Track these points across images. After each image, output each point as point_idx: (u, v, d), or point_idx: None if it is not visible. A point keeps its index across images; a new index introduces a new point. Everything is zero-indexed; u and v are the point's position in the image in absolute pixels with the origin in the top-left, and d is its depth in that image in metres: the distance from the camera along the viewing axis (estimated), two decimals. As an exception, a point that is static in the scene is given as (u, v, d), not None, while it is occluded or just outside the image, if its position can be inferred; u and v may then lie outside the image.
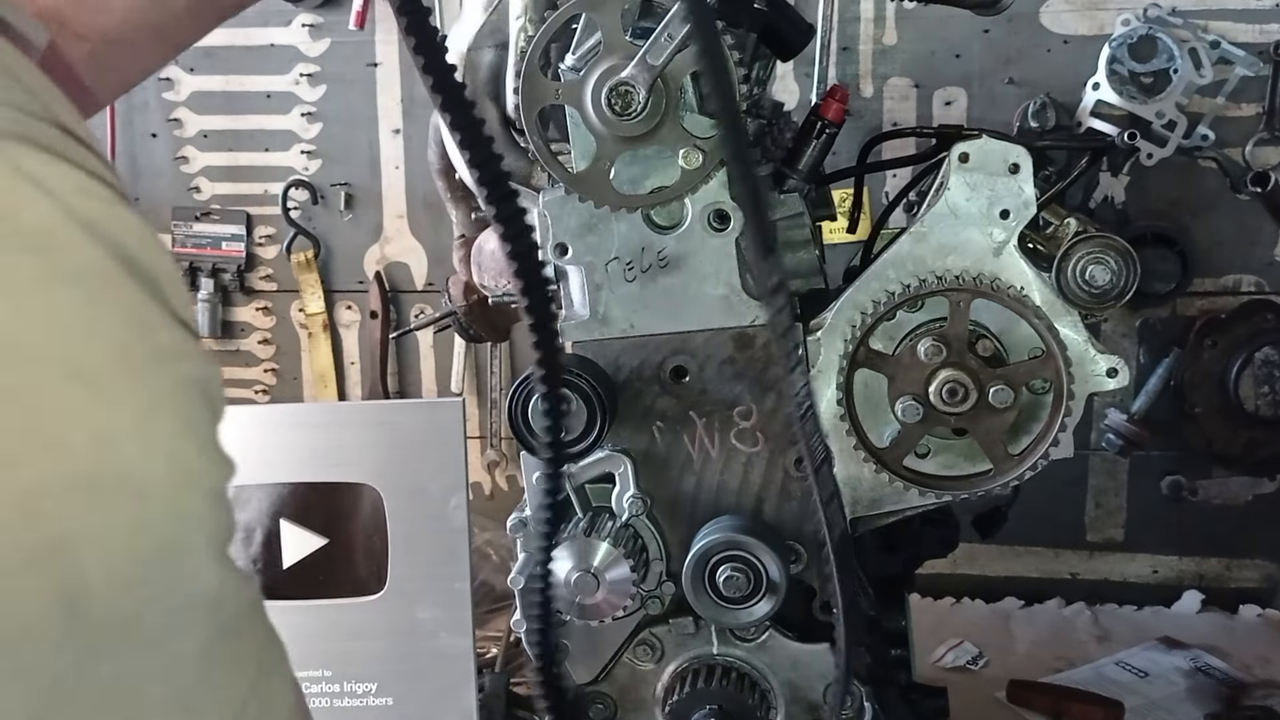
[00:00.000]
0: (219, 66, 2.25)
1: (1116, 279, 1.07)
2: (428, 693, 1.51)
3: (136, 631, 0.47)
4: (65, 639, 0.44)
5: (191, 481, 0.49)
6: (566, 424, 1.10)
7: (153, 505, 0.47)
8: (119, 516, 0.46)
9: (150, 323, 0.49)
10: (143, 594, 0.47)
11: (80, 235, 0.47)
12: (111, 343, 0.47)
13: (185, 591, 0.49)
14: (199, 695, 0.50)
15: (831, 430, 1.12)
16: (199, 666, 0.50)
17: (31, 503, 0.43)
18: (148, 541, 0.47)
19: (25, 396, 0.44)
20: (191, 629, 0.49)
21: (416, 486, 1.52)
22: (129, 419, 0.46)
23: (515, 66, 1.10)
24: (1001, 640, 1.91)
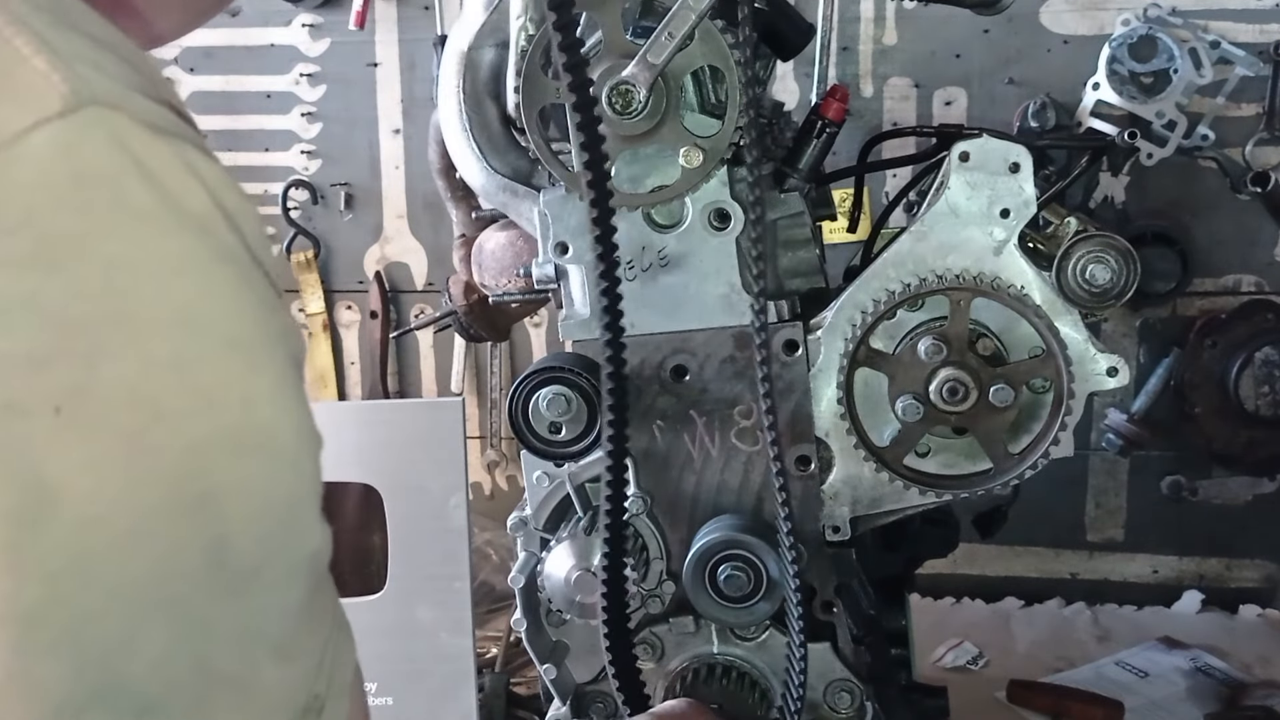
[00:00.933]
0: (219, 66, 2.25)
1: (1116, 278, 1.07)
2: (428, 693, 1.51)
3: (261, 579, 0.52)
4: (208, 580, 0.49)
5: (311, 445, 0.55)
6: (566, 424, 1.10)
7: (284, 463, 0.53)
8: (259, 472, 0.51)
9: (272, 304, 0.55)
10: (269, 544, 0.52)
11: (225, 223, 0.52)
12: (255, 317, 0.52)
13: (300, 545, 0.54)
14: (297, 641, 0.55)
15: (831, 429, 1.12)
16: (300, 615, 0.55)
17: (190, 458, 0.49)
18: (279, 497, 0.52)
19: (191, 360, 0.49)
20: (300, 579, 0.55)
21: (416, 486, 1.52)
22: (269, 385, 0.52)
23: (516, 65, 1.10)
24: (1001, 640, 1.91)
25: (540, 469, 1.16)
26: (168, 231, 0.50)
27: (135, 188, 0.49)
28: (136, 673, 0.48)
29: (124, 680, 0.48)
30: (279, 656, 0.54)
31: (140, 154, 0.49)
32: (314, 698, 0.56)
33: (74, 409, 0.46)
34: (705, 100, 1.09)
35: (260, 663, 0.53)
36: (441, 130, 1.20)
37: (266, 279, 0.55)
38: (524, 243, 1.26)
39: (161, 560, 0.48)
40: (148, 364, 0.48)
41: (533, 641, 1.18)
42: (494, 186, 1.17)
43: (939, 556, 1.43)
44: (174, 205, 0.50)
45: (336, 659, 0.58)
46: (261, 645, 0.53)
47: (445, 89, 1.17)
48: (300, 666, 0.56)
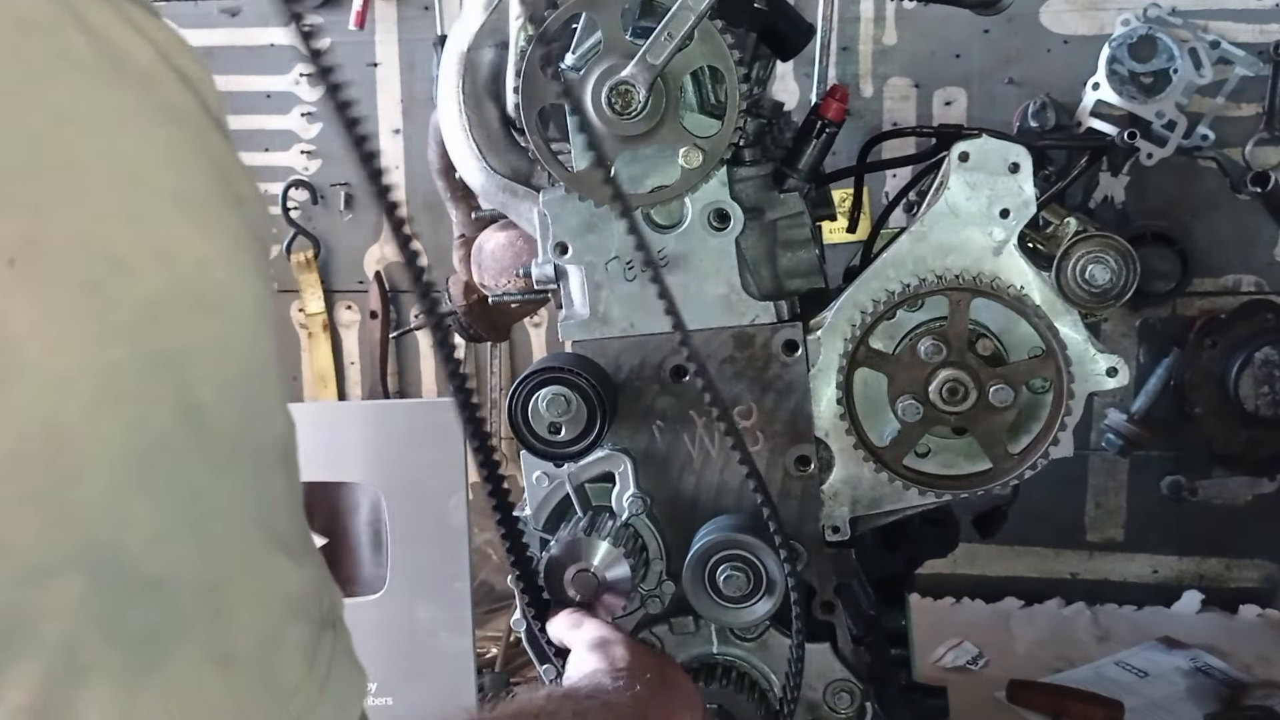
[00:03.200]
0: (219, 66, 2.25)
1: (1116, 278, 1.07)
2: (428, 693, 1.51)
3: (243, 455, 0.50)
4: (194, 451, 0.48)
5: (269, 320, 0.53)
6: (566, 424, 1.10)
7: (244, 329, 0.51)
8: (221, 334, 0.50)
9: (231, 169, 0.53)
10: (242, 415, 0.51)
11: (176, 80, 0.51)
12: (208, 179, 0.51)
13: (268, 427, 0.53)
14: (298, 540, 0.54)
15: (831, 430, 1.12)
16: (292, 511, 0.54)
17: (151, 313, 0.47)
18: (240, 364, 0.51)
19: (142, 217, 0.48)
20: (278, 465, 0.53)
21: (416, 486, 1.53)
22: (223, 250, 0.50)
23: (515, 66, 1.10)
24: (1001, 640, 1.91)
25: (540, 469, 1.16)
26: (109, 84, 0.48)
27: (74, 38, 0.48)
28: (133, 545, 0.46)
29: (118, 551, 0.46)
30: (286, 550, 0.52)
31: (79, 7, 0.48)
32: (326, 611, 0.55)
33: (28, 260, 0.45)
34: (705, 100, 1.09)
35: (269, 550, 0.51)
36: (441, 130, 1.20)
37: (229, 145, 0.53)
38: (524, 243, 1.26)
39: (137, 424, 0.47)
40: (99, 215, 0.47)
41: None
42: (494, 186, 1.17)
43: (939, 556, 1.43)
44: (115, 59, 0.49)
45: (333, 585, 0.57)
46: (264, 531, 0.51)
47: (445, 89, 1.17)
48: (308, 566, 0.54)
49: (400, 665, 1.51)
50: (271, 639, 0.51)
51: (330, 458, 1.55)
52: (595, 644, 0.98)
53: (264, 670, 0.50)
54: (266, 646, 0.50)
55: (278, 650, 0.51)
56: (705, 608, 1.11)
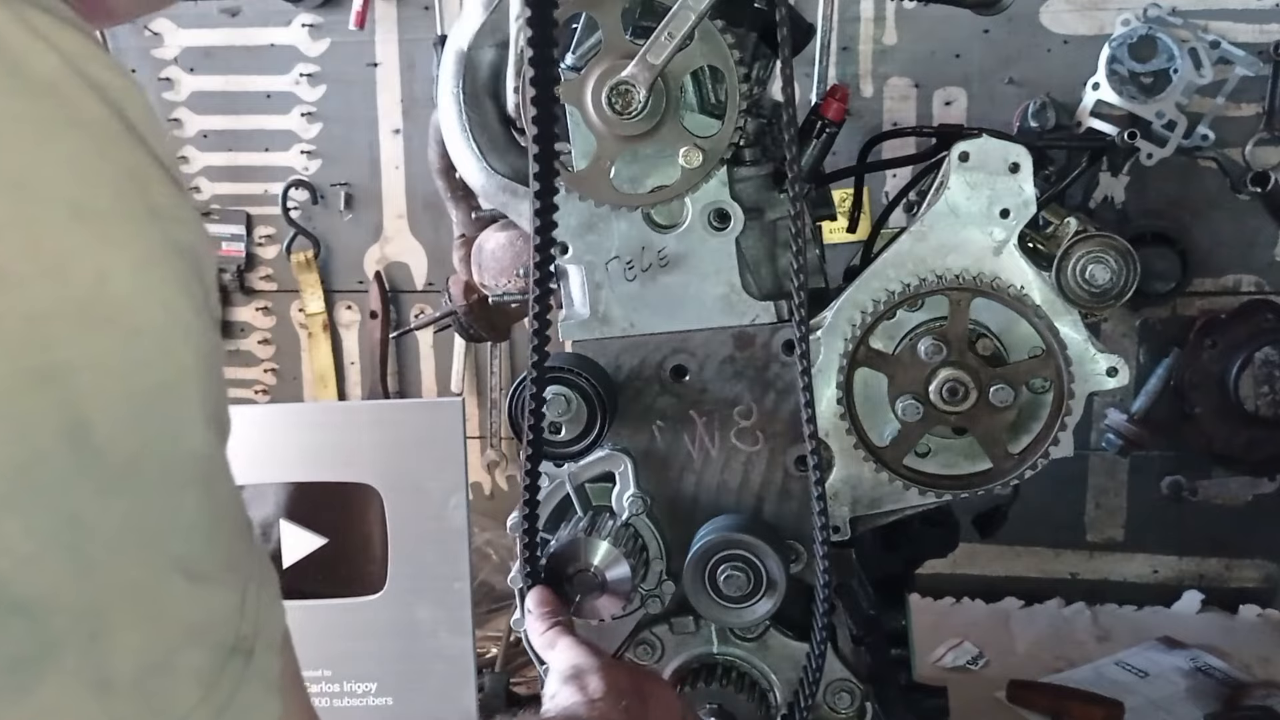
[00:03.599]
0: (219, 66, 2.25)
1: (1116, 278, 1.07)
2: (428, 693, 1.51)
3: (140, 475, 0.48)
4: (75, 471, 0.46)
5: (186, 334, 0.51)
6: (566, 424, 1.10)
7: (147, 344, 0.49)
8: (116, 349, 0.48)
9: (148, 181, 0.51)
10: (140, 434, 0.48)
11: (85, 90, 0.49)
12: (114, 189, 0.49)
13: (176, 440, 0.50)
14: (208, 562, 0.52)
15: (831, 429, 1.12)
16: (206, 533, 0.52)
17: (34, 326, 0.45)
18: (142, 379, 0.48)
19: (31, 227, 0.46)
20: (191, 489, 0.51)
21: (416, 486, 1.52)
22: (128, 261, 0.49)
23: (516, 65, 1.10)
24: (1001, 640, 1.91)
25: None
26: (2, 91, 0.47)
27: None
28: (3, 568, 0.45)
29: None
30: (189, 574, 0.50)
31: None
32: (241, 638, 0.53)
33: None
34: (705, 100, 1.09)
35: (162, 573, 0.49)
36: (441, 130, 1.20)
37: (150, 157, 0.51)
38: (524, 243, 1.26)
39: (13, 440, 0.45)
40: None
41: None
42: (494, 186, 1.17)
43: (939, 556, 1.43)
44: (12, 66, 0.47)
45: (262, 608, 0.55)
46: (163, 554, 0.50)
47: (445, 89, 1.17)
48: (218, 591, 0.52)
49: (400, 665, 1.51)
50: (158, 665, 0.49)
51: (330, 458, 1.55)
52: (569, 675, 0.97)
53: (145, 696, 0.49)
54: (150, 672, 0.49)
55: (164, 676, 0.50)
56: (705, 608, 1.11)
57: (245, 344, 2.35)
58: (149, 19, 2.25)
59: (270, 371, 2.35)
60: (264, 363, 2.35)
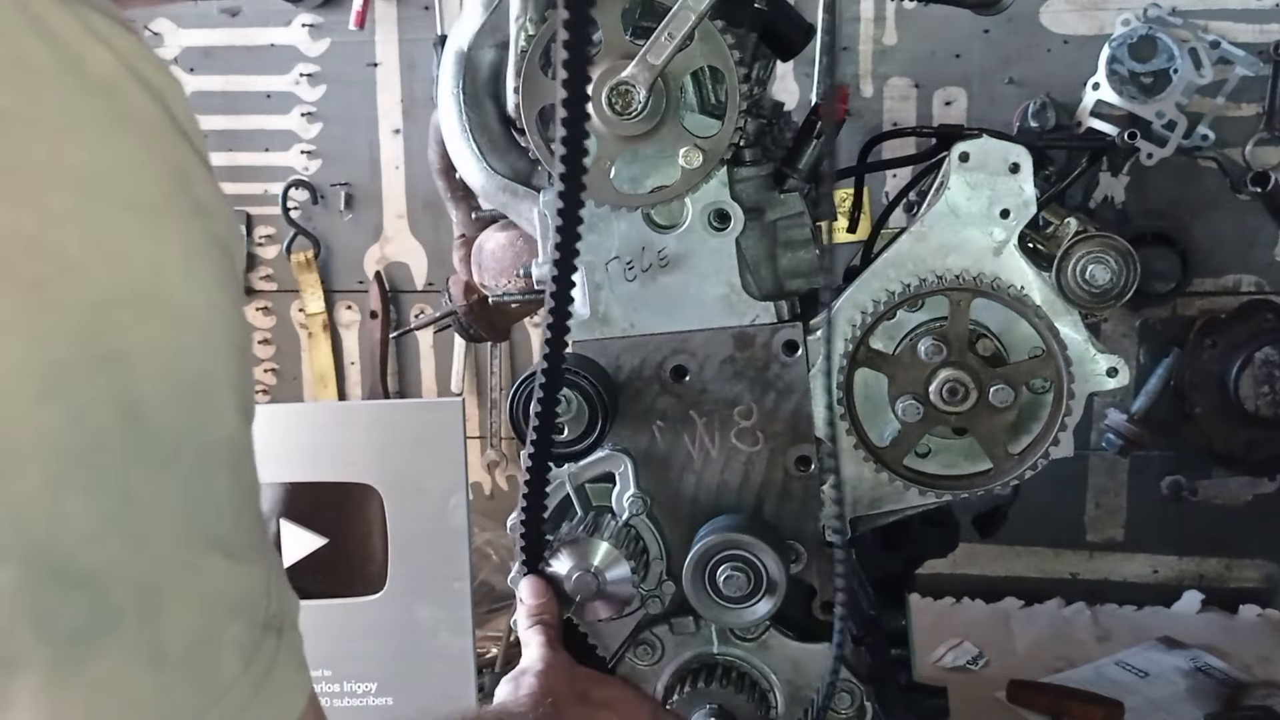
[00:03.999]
0: (219, 66, 2.25)
1: (1116, 279, 1.07)
2: (428, 693, 1.51)
3: (184, 456, 0.51)
4: (130, 451, 0.49)
5: (224, 325, 0.53)
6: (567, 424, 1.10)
7: (192, 334, 0.52)
8: (167, 337, 0.50)
9: (193, 178, 0.53)
10: (183, 417, 0.51)
11: (138, 88, 0.51)
12: (163, 184, 0.52)
13: (213, 425, 0.53)
14: (240, 542, 0.54)
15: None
16: (235, 513, 0.54)
17: (99, 314, 0.48)
18: (187, 367, 0.51)
19: (92, 219, 0.48)
20: (223, 472, 0.54)
21: (416, 486, 1.53)
22: (177, 254, 0.51)
23: (515, 66, 1.10)
24: (1001, 640, 1.91)
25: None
26: (65, 89, 0.49)
27: (31, 44, 0.48)
28: (68, 542, 0.47)
29: (53, 547, 0.47)
30: (227, 552, 0.53)
31: (39, 13, 0.49)
32: (271, 615, 0.55)
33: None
34: (705, 101, 1.09)
35: (206, 550, 0.52)
36: (441, 130, 1.20)
37: (195, 154, 0.54)
38: (524, 243, 1.26)
39: (75, 421, 0.47)
40: (48, 216, 0.47)
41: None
42: (494, 187, 1.17)
43: (939, 556, 1.43)
44: (73, 64, 0.49)
45: (283, 591, 0.58)
46: (202, 531, 0.52)
47: (445, 89, 1.17)
48: (251, 569, 0.55)
49: (400, 665, 1.51)
50: (205, 638, 0.52)
51: (330, 458, 1.55)
52: (511, 675, 1.03)
53: (195, 668, 0.51)
54: (199, 645, 0.51)
55: (211, 649, 0.52)
56: (705, 608, 1.11)
57: (245, 344, 2.35)
58: (149, 19, 2.25)
59: (270, 371, 2.35)
60: (264, 363, 2.35)
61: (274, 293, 2.33)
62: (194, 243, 0.52)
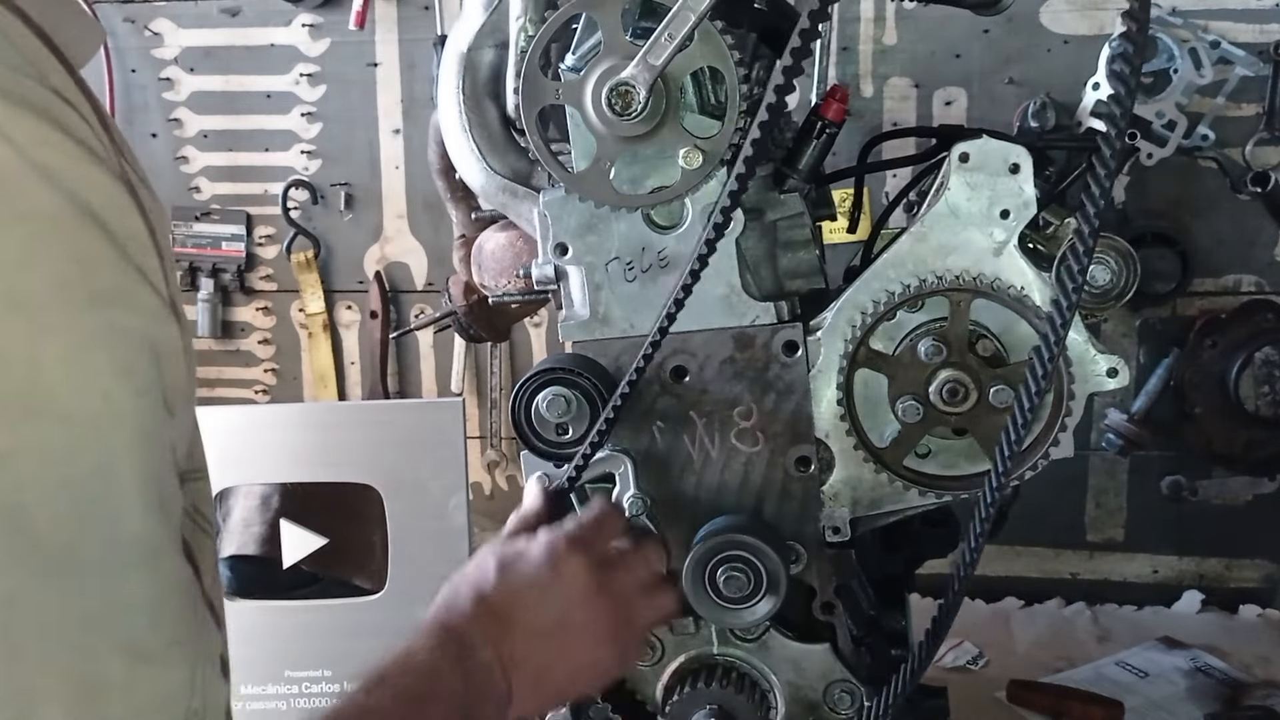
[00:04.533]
0: (219, 66, 2.25)
1: (1116, 279, 1.07)
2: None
3: (79, 561, 0.49)
4: (12, 557, 0.47)
5: (122, 420, 0.51)
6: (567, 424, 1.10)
7: (83, 432, 0.50)
8: (50, 438, 0.48)
9: (96, 267, 0.51)
10: (77, 519, 0.49)
11: (35, 181, 0.49)
12: (50, 278, 0.49)
13: (116, 525, 0.51)
14: (155, 642, 0.52)
15: (831, 430, 1.12)
16: (151, 614, 0.52)
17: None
18: (77, 467, 0.49)
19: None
20: (134, 571, 0.51)
21: (416, 486, 1.53)
22: (62, 350, 0.49)
23: (516, 66, 1.10)
24: (1001, 640, 1.91)
25: (541, 469, 1.16)
26: None
27: None
28: None
29: None
30: (133, 655, 0.51)
31: None
32: (192, 713, 0.53)
33: None
34: (705, 101, 1.09)
35: (106, 657, 0.50)
36: (441, 130, 1.20)
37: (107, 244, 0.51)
38: (524, 243, 1.26)
39: None
40: None
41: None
42: (494, 187, 1.17)
43: (939, 556, 1.42)
44: None
45: (209, 683, 0.55)
46: (105, 638, 0.50)
47: (445, 89, 1.17)
48: (167, 671, 0.53)
49: (400, 665, 1.51)
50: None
51: (330, 458, 1.55)
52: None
53: None
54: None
55: None
56: (705, 608, 1.11)
57: (245, 344, 2.35)
58: (150, 19, 2.25)
59: (270, 371, 2.35)
60: (264, 363, 2.35)
61: (274, 293, 2.33)
62: (84, 336, 0.50)
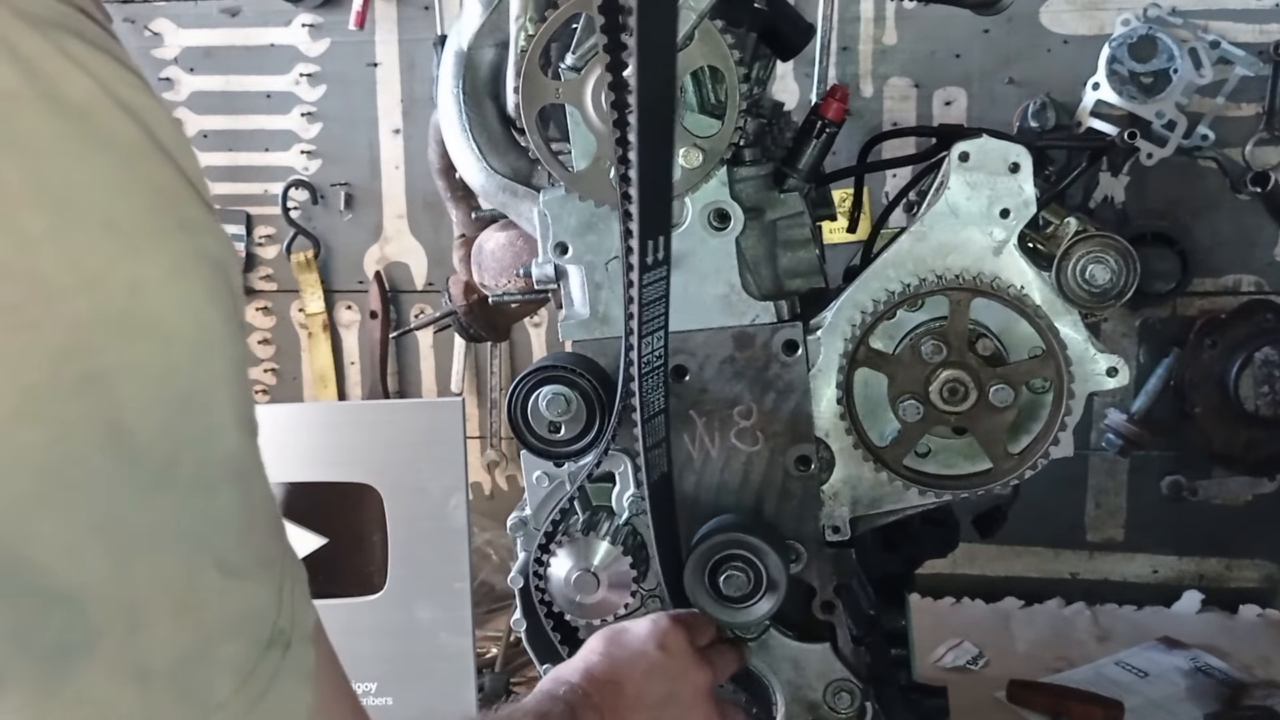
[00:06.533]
0: (219, 66, 2.25)
1: (1116, 278, 1.07)
2: (428, 693, 1.51)
3: (177, 476, 0.51)
4: (113, 469, 0.49)
5: (217, 343, 0.53)
6: (565, 424, 1.10)
7: (180, 352, 0.52)
8: (151, 357, 0.50)
9: (177, 197, 0.53)
10: (175, 436, 0.51)
11: (117, 111, 0.51)
12: (145, 205, 0.52)
13: (211, 443, 0.53)
14: (244, 558, 0.54)
15: (831, 430, 1.12)
16: (241, 530, 0.54)
17: (75, 335, 0.48)
18: (176, 385, 0.51)
19: (68, 241, 0.48)
20: (226, 489, 0.54)
21: (416, 486, 1.53)
22: (160, 273, 0.51)
23: (516, 65, 1.10)
24: (1001, 640, 1.91)
25: (540, 469, 1.16)
26: (39, 113, 0.49)
27: (4, 70, 0.49)
28: (41, 558, 0.48)
29: (22, 562, 0.47)
30: (225, 570, 0.53)
31: (13, 41, 0.49)
32: (279, 631, 0.56)
33: None
34: (705, 100, 1.09)
35: (199, 569, 0.52)
36: (441, 130, 1.20)
37: (180, 176, 0.54)
38: (524, 243, 1.26)
39: (54, 442, 0.48)
40: (23, 239, 0.48)
41: (533, 642, 1.18)
42: (494, 186, 1.17)
43: (939, 556, 1.42)
44: (47, 89, 0.50)
45: (297, 601, 0.58)
46: (200, 551, 0.52)
47: (445, 89, 1.17)
48: (254, 587, 0.55)
49: (400, 665, 1.51)
50: (194, 656, 0.52)
51: (330, 458, 1.55)
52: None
53: (183, 685, 0.51)
54: (187, 663, 0.52)
55: (201, 667, 0.52)
56: (706, 607, 1.11)
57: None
58: (150, 19, 2.25)
59: (270, 371, 2.35)
60: (264, 363, 2.35)
61: (274, 293, 2.33)
62: (179, 261, 0.52)
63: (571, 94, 1.05)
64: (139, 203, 0.51)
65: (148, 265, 0.51)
